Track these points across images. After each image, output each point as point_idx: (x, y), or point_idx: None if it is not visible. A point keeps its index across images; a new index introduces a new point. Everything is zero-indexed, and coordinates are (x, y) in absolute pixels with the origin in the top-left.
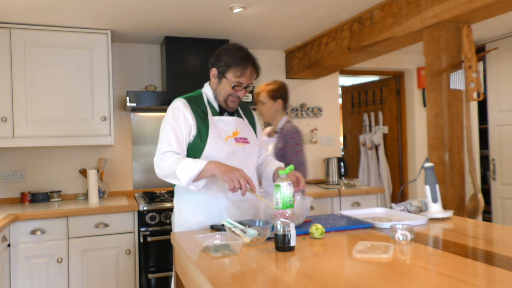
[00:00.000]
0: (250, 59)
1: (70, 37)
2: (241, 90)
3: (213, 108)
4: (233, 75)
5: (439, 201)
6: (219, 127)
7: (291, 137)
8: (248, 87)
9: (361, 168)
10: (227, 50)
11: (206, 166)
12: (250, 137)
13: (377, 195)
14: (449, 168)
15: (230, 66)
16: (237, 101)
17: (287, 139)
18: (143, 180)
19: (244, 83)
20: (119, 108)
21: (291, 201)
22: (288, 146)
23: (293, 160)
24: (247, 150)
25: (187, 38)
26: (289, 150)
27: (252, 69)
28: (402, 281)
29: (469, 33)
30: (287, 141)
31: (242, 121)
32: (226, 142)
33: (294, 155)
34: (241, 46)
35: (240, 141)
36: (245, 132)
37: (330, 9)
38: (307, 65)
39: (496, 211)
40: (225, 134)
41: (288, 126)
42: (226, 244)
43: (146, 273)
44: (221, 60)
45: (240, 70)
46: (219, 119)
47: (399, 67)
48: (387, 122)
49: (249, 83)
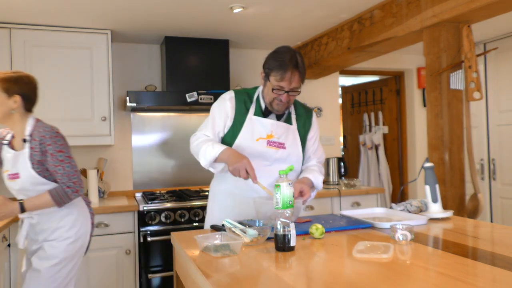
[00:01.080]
0: (291, 63)
1: (70, 37)
2: (282, 94)
3: (259, 107)
4: (274, 78)
5: (439, 201)
6: (254, 126)
7: (49, 143)
8: (293, 91)
9: (361, 168)
10: (273, 53)
11: (221, 153)
12: (290, 143)
13: (377, 195)
14: (449, 168)
15: (272, 69)
16: (282, 104)
17: (44, 147)
18: (143, 180)
19: (285, 87)
20: (119, 108)
21: (291, 201)
22: (47, 155)
23: (58, 173)
24: (279, 155)
25: (187, 38)
26: (50, 161)
27: (291, 73)
28: (402, 281)
29: (469, 33)
30: (45, 149)
31: (285, 125)
32: (256, 143)
33: (58, 166)
34: (286, 50)
35: (273, 144)
36: (283, 137)
37: (330, 9)
38: (307, 65)
39: (496, 211)
40: (258, 135)
41: (41, 129)
42: (226, 244)
43: (146, 273)
44: (267, 63)
45: (280, 74)
46: (257, 119)
47: (399, 67)
48: (387, 122)
49: (293, 88)
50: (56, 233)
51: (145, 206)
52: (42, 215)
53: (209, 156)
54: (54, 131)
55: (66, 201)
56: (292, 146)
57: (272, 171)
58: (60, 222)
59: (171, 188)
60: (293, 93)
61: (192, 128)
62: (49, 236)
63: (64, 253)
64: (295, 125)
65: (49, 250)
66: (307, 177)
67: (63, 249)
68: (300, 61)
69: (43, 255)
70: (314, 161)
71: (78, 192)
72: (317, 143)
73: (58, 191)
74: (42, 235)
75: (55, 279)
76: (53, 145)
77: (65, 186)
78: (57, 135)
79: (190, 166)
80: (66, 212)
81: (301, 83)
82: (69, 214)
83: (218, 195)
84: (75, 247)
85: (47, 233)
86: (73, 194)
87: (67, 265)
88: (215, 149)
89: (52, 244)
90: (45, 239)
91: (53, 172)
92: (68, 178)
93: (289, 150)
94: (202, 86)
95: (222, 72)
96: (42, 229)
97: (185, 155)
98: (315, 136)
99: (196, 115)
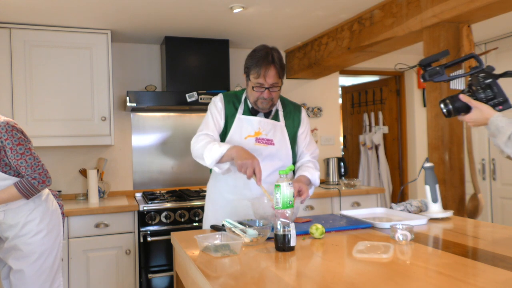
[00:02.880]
0: (266, 59)
1: (70, 37)
2: (263, 91)
3: (247, 107)
4: (252, 76)
5: (439, 201)
6: (242, 125)
7: (6, 138)
8: (273, 87)
9: (361, 168)
10: (250, 53)
11: (228, 150)
12: (278, 139)
13: (377, 195)
14: (449, 168)
15: (250, 68)
16: (266, 102)
17: (2, 142)
18: (143, 180)
19: (264, 83)
20: (119, 108)
21: (291, 201)
22: (7, 150)
23: (21, 166)
24: (268, 152)
25: (187, 38)
26: (10, 155)
27: (267, 69)
28: (402, 281)
29: (469, 33)
30: (3, 144)
31: (272, 122)
32: (244, 141)
33: (20, 159)
34: (262, 48)
35: (261, 141)
36: (271, 133)
37: (330, 9)
38: (307, 65)
39: (496, 211)
40: (246, 133)
41: None
42: (226, 244)
43: (146, 273)
44: (245, 63)
45: (256, 71)
46: (245, 117)
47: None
48: (387, 122)
49: (272, 84)
50: (26, 227)
51: (145, 206)
52: (9, 211)
53: (215, 153)
54: (10, 125)
55: (34, 192)
56: (281, 142)
57: (263, 168)
58: (29, 216)
59: (171, 188)
60: (274, 89)
61: (192, 128)
62: (20, 231)
63: (41, 247)
64: (282, 122)
65: (25, 248)
66: (303, 175)
67: (39, 243)
68: (276, 56)
69: (20, 254)
70: (308, 157)
71: (45, 183)
72: (309, 138)
73: (24, 183)
74: (12, 231)
75: (40, 274)
76: (11, 139)
77: (31, 178)
78: (13, 129)
79: (190, 166)
80: (33, 206)
81: (279, 79)
82: (38, 206)
83: (214, 194)
84: (50, 239)
85: (17, 228)
86: (40, 185)
87: (48, 258)
88: (222, 147)
89: (25, 241)
90: (16, 235)
91: (17, 166)
92: (32, 170)
93: (278, 146)
94: (202, 86)
95: (222, 72)
96: (10, 225)
97: (185, 155)
98: (306, 131)
99: (196, 115)
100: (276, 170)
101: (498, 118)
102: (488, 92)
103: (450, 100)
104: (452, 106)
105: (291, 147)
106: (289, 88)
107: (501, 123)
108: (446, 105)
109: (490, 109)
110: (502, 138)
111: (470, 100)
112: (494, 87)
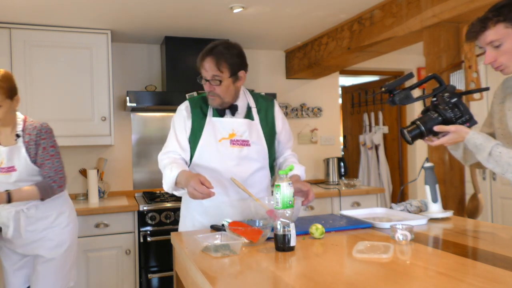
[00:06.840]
0: (205, 51)
1: (70, 37)
2: (205, 83)
3: (215, 108)
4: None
5: (439, 201)
6: (215, 128)
7: (44, 137)
8: (214, 80)
9: (361, 168)
10: None
11: (178, 176)
12: (254, 139)
13: (377, 195)
14: (449, 168)
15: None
16: (213, 98)
17: (39, 140)
18: (143, 180)
19: (204, 76)
20: (119, 108)
21: (291, 201)
22: (39, 149)
23: (46, 166)
24: (244, 153)
25: (187, 38)
26: (40, 154)
27: (204, 60)
28: (402, 281)
29: None
30: (39, 142)
31: (247, 121)
32: (219, 144)
33: (48, 159)
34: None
35: (236, 143)
36: (246, 134)
37: (330, 9)
38: (307, 65)
39: (496, 211)
40: (220, 136)
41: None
42: (226, 244)
43: (146, 273)
44: None
45: (198, 63)
46: (217, 119)
47: (399, 67)
48: (387, 122)
49: (213, 76)
50: (59, 219)
51: (145, 206)
52: (41, 205)
53: (169, 181)
54: (49, 127)
55: (50, 195)
56: (257, 142)
57: (241, 171)
58: (61, 208)
59: None
60: (215, 82)
61: None
62: (53, 222)
63: (71, 237)
64: (257, 119)
65: (57, 238)
66: (297, 174)
67: (70, 233)
68: (220, 47)
69: (53, 244)
70: (288, 151)
71: (62, 187)
72: (287, 133)
73: (45, 185)
74: (42, 224)
75: (65, 263)
76: (48, 140)
77: (51, 181)
78: (51, 131)
79: None
80: (64, 199)
81: (219, 71)
82: (67, 200)
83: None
84: (75, 231)
85: (49, 220)
86: (58, 189)
87: (73, 249)
88: (173, 172)
89: (59, 232)
90: (49, 227)
91: (41, 165)
92: (55, 173)
93: (254, 146)
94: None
95: None
96: (40, 218)
97: None
98: (283, 127)
99: None
100: (254, 172)
101: (473, 136)
102: (456, 111)
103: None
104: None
105: (268, 145)
106: (289, 88)
107: (478, 141)
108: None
109: (464, 128)
110: (482, 154)
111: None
112: (460, 105)
